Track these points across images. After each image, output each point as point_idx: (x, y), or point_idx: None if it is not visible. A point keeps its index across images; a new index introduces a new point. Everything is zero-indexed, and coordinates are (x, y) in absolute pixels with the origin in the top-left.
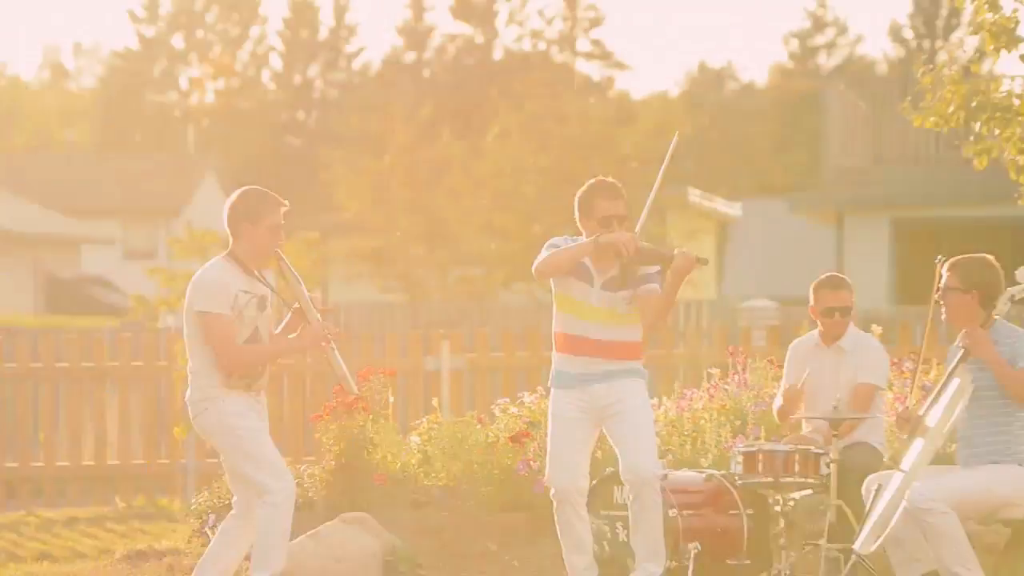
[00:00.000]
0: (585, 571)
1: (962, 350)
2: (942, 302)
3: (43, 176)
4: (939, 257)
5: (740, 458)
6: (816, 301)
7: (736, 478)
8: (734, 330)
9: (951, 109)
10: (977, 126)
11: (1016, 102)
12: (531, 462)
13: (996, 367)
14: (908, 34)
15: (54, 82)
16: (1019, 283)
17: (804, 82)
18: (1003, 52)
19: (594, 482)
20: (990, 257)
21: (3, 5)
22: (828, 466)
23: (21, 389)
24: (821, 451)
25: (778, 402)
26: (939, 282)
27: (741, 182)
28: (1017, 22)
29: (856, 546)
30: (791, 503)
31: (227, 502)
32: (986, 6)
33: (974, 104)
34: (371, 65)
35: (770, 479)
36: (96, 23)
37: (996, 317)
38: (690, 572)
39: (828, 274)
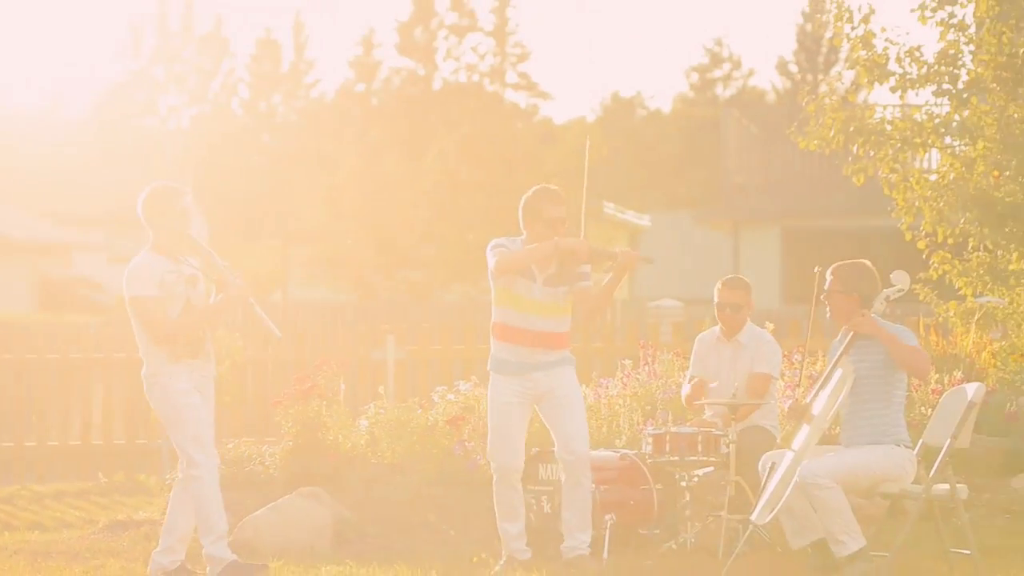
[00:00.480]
0: (517, 538)
1: (849, 336)
2: (827, 303)
3: (38, 189)
4: (817, 268)
5: (650, 439)
6: (717, 297)
7: (647, 457)
8: (644, 326)
9: (832, 133)
10: (855, 148)
11: (888, 127)
12: (466, 443)
13: (887, 342)
14: (793, 68)
15: (52, 110)
16: (894, 285)
17: (704, 110)
18: (876, 84)
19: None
20: (868, 263)
21: (12, 40)
22: (728, 446)
23: (16, 377)
24: (721, 433)
25: (685, 389)
26: (824, 285)
27: (650, 197)
28: (887, 58)
29: (753, 517)
30: (695, 479)
31: None
32: (860, 44)
33: (852, 129)
34: (326, 94)
35: (677, 458)
36: (90, 56)
37: (874, 316)
38: (607, 540)
39: (731, 276)
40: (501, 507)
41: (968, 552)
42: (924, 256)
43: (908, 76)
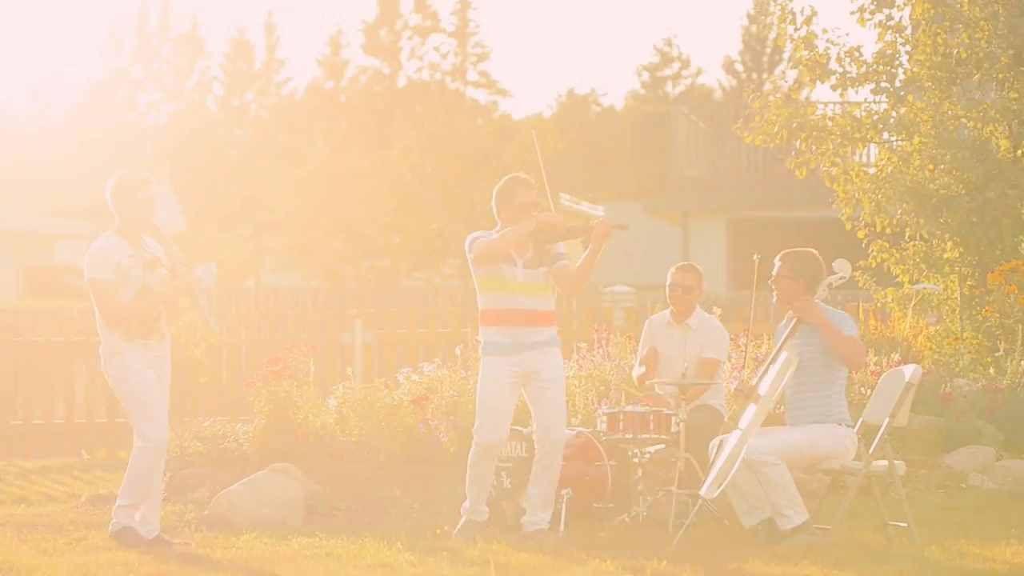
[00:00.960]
0: (484, 512)
1: (793, 321)
2: (774, 287)
3: (24, 182)
4: (756, 255)
5: (605, 418)
6: (669, 279)
7: (601, 435)
8: (598, 311)
9: (776, 129)
10: (797, 143)
11: (829, 123)
12: (430, 421)
13: (825, 330)
14: (739, 67)
15: (36, 107)
16: (836, 273)
17: (655, 106)
18: (817, 82)
19: None
20: (815, 251)
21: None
22: (678, 424)
23: (3, 359)
24: (672, 412)
25: (637, 370)
26: (771, 271)
27: (603, 189)
28: (828, 58)
29: (702, 491)
30: (647, 455)
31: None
32: (803, 45)
33: (795, 125)
34: (296, 91)
35: (630, 435)
36: (72, 56)
37: (817, 301)
38: (563, 514)
39: (685, 262)
40: (475, 480)
41: (905, 524)
42: (863, 245)
43: (848, 75)
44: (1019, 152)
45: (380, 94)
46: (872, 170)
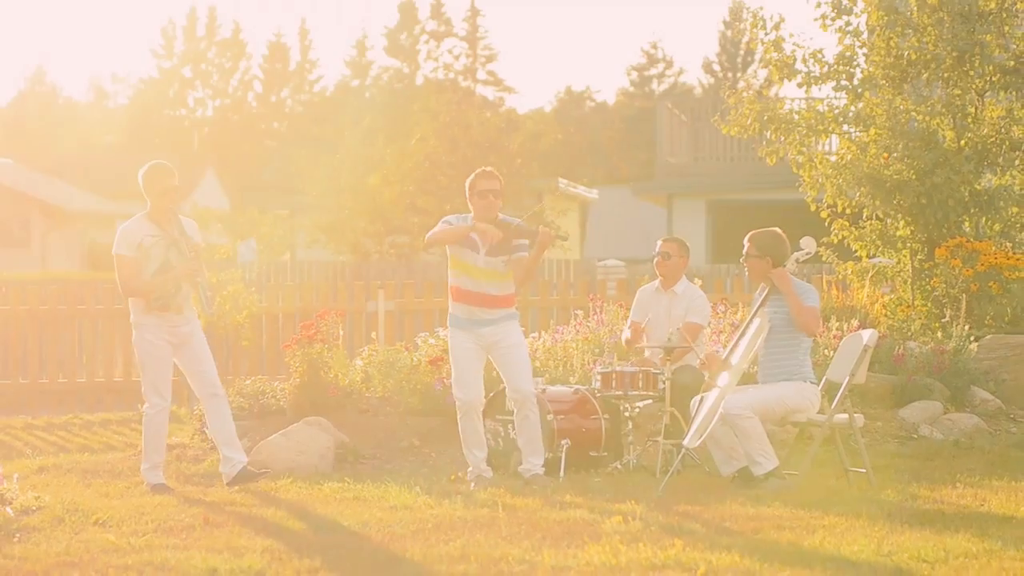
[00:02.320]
0: (482, 461)
1: (765, 292)
2: (745, 265)
3: (89, 170)
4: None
5: (599, 377)
6: (657, 250)
7: (596, 392)
8: (593, 282)
9: (749, 121)
10: (768, 134)
11: (795, 116)
12: (445, 380)
13: (791, 299)
14: (717, 67)
15: (97, 100)
16: (803, 249)
17: (642, 101)
18: (785, 80)
19: (491, 394)
20: (779, 230)
21: (59, 42)
22: (664, 383)
23: (69, 324)
24: (659, 371)
25: (626, 334)
26: (743, 251)
27: (597, 174)
28: (795, 59)
29: (685, 442)
30: (637, 410)
31: None
32: (772, 47)
33: (765, 118)
34: (327, 88)
35: (621, 392)
36: (128, 57)
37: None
38: (563, 462)
39: (669, 235)
40: (466, 435)
41: (863, 471)
42: (826, 224)
43: (812, 74)
44: (962, 142)
45: (400, 91)
46: (833, 158)
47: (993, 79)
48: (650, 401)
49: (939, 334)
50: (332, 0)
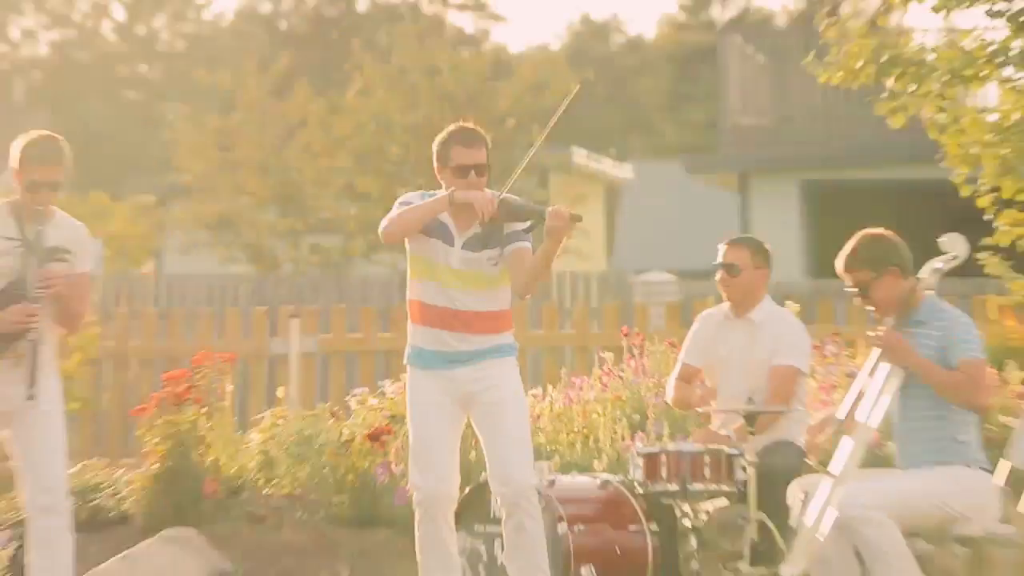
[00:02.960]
0: None
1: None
2: (858, 301)
3: None
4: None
5: (640, 461)
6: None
7: (636, 485)
8: (628, 308)
9: (859, 64)
10: (889, 82)
11: (930, 56)
12: (392, 465)
13: (922, 372)
14: None
15: None
16: (946, 252)
17: (697, 35)
18: (912, 3)
19: (467, 490)
20: (881, 230)
21: None
22: (745, 470)
23: None
24: (737, 452)
25: (671, 385)
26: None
27: (631, 142)
28: None
29: (784, 573)
30: (703, 516)
31: None
32: None
33: (884, 59)
34: (224, 16)
35: (677, 487)
36: None
37: (927, 292)
38: None
39: (739, 235)
40: (429, 554)
41: None
42: (987, 216)
43: None
44: None
45: (333, 20)
46: (993, 117)
47: None
48: (725, 501)
49: None
50: None
